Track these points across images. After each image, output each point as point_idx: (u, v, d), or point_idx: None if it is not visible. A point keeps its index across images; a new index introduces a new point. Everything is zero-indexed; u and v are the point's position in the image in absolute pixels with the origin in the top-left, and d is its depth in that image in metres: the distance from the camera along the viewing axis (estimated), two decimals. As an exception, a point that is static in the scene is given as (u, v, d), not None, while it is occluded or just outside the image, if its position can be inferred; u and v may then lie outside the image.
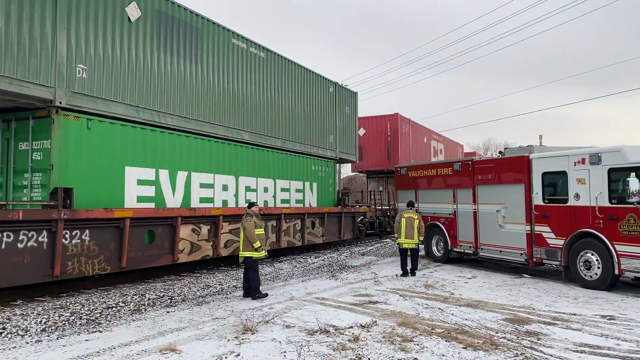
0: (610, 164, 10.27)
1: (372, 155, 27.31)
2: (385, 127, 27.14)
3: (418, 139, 29.67)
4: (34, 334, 7.21)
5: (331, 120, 20.14)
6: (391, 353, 6.17)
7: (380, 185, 28.34)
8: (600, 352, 6.24)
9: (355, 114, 22.38)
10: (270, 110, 16.19)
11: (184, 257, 12.14)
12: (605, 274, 10.31)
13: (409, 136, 28.24)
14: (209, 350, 6.36)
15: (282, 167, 16.90)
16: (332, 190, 20.04)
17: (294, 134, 17.49)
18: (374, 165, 27.41)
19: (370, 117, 28.17)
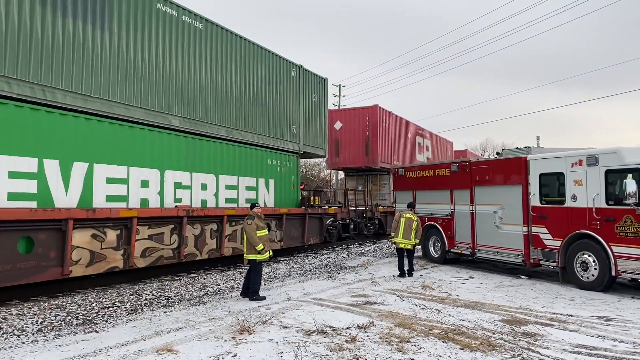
0: (607, 166, 10.29)
1: (350, 151, 25.25)
2: (363, 120, 24.87)
3: (401, 134, 27.55)
4: (30, 333, 7.18)
5: (293, 108, 17.62)
6: (388, 354, 6.17)
7: (360, 183, 26.59)
8: (597, 353, 6.25)
9: (324, 103, 19.87)
10: (212, 93, 13.65)
11: (80, 269, 9.83)
12: (602, 275, 10.33)
13: (390, 131, 26.10)
14: (206, 350, 6.34)
15: (228, 160, 14.42)
16: (294, 188, 17.65)
17: (245, 122, 15.04)
18: (351, 161, 25.29)
19: (347, 109, 26.46)
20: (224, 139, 14.24)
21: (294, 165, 17.83)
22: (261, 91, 15.94)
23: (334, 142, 25.24)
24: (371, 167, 24.72)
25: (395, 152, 26.32)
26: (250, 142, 15.39)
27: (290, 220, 16.53)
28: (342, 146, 25.31)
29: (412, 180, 16.30)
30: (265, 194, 16.13)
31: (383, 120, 25.16)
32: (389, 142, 25.78)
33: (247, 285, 9.94)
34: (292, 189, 17.56)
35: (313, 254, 17.79)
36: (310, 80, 18.84)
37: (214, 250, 13.38)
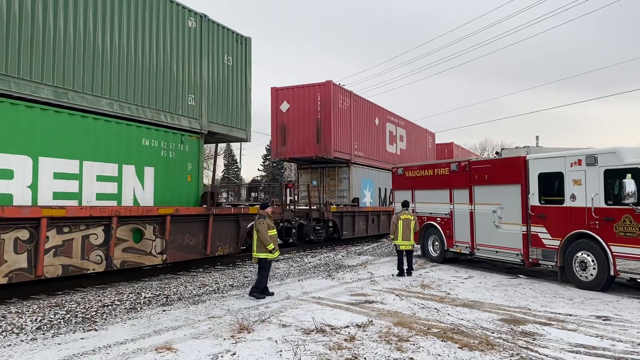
0: (606, 165, 10.30)
1: (298, 137, 21.01)
2: (314, 100, 20.81)
3: (365, 120, 23.84)
4: (29, 332, 7.18)
5: (191, 71, 13.32)
6: (387, 353, 6.17)
7: (315, 177, 22.72)
8: (595, 353, 6.26)
9: (245, 69, 15.45)
10: (40, 38, 9.74)
11: None
12: (600, 274, 10.35)
13: (349, 114, 22.13)
14: (205, 349, 6.35)
15: (65, 137, 10.24)
16: (193, 180, 13.39)
17: (99, 83, 10.92)
18: (300, 150, 21.06)
19: (295, 86, 21.61)
20: (59, 105, 10.11)
21: (193, 149, 13.44)
22: (132, 43, 11.73)
23: (279, 128, 21.56)
24: (324, 158, 20.86)
25: (357, 140, 22.66)
26: (109, 113, 11.13)
27: (181, 224, 12.33)
28: (290, 132, 21.22)
29: (411, 180, 16.31)
30: (135, 187, 11.78)
31: (339, 101, 21.19)
32: (347, 127, 21.88)
33: None
34: (189, 181, 13.24)
35: (312, 253, 17.79)
36: (220, 37, 14.51)
37: (22, 271, 9.02)
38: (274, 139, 21.72)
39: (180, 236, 12.35)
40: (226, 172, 60.50)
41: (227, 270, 13.49)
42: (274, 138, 21.72)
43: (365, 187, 23.43)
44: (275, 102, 21.66)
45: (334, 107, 20.71)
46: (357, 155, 22.65)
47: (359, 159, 22.86)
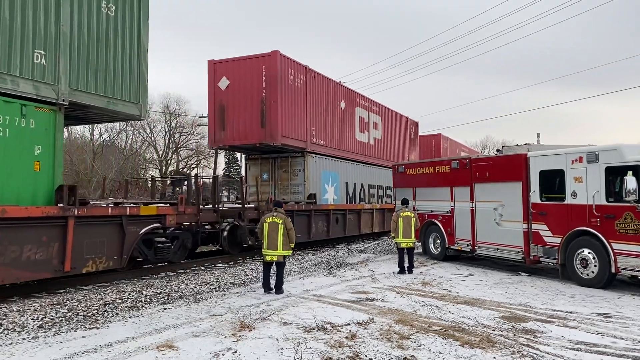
0: (608, 163, 10.28)
1: (240, 121, 17.22)
2: (258, 75, 16.94)
3: (326, 101, 19.99)
4: (30, 330, 7.19)
5: (42, 19, 9.66)
6: (388, 350, 6.18)
7: (265, 170, 19.25)
8: (596, 350, 6.26)
9: (139, 23, 11.85)
10: None
11: None
12: (601, 272, 10.34)
13: (303, 93, 18.16)
14: (206, 347, 6.35)
15: None
16: (44, 169, 9.74)
17: None
18: (241, 137, 17.27)
19: (236, 59, 17.62)
20: None
21: (44, 125, 9.81)
22: None
23: (218, 109, 17.77)
24: (269, 145, 17.12)
25: (315, 126, 18.94)
26: None
27: (14, 231, 8.80)
28: (230, 115, 17.47)
29: (412, 177, 16.32)
30: None
31: (289, 76, 17.30)
32: (301, 109, 18.08)
33: (269, 280, 10.13)
34: (37, 170, 9.66)
35: (313, 250, 17.80)
36: None
37: None
38: (212, 123, 18.01)
39: (13, 248, 8.75)
40: (227, 170, 60.49)
41: (228, 268, 13.50)
42: (212, 122, 18.01)
43: (327, 182, 19.77)
44: (212, 78, 17.84)
45: (282, 84, 16.86)
46: (316, 143, 18.96)
47: (318, 147, 19.11)
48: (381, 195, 24.88)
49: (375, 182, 24.40)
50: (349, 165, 21.82)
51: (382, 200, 24.94)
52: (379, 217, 23.52)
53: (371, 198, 23.67)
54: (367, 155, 23.50)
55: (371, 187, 23.97)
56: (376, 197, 24.38)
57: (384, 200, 24.88)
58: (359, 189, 22.66)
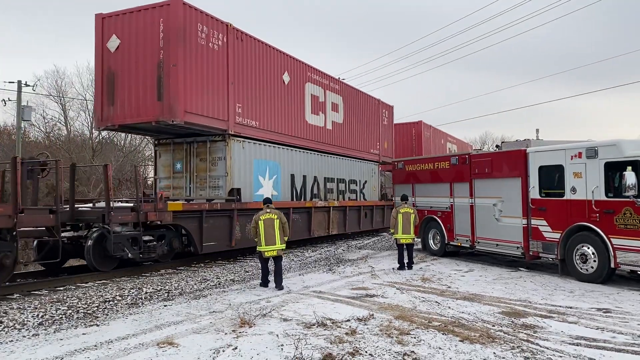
0: (607, 158, 10.29)
1: (133, 92, 13.06)
2: (156, 31, 12.77)
3: (263, 72, 15.86)
4: (31, 327, 7.20)
5: None
6: (388, 346, 6.19)
7: (178, 159, 15.28)
8: (596, 345, 6.27)
9: None
10: None
11: None
12: (601, 267, 10.36)
13: (223, 57, 14.05)
14: (206, 343, 6.36)
15: None
16: None
17: None
18: (133, 113, 13.07)
19: (129, 11, 13.43)
20: None
21: None
22: None
23: (107, 78, 13.45)
24: (168, 124, 12.69)
25: (242, 101, 14.84)
26: None
27: None
28: (120, 84, 13.26)
29: (412, 174, 16.32)
30: None
31: (199, 33, 13.10)
32: (218, 78, 13.87)
33: (268, 276, 10.40)
34: None
35: (313, 247, 17.81)
36: None
37: None
38: (99, 96, 13.72)
39: None
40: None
41: (227, 265, 13.51)
42: (99, 95, 13.71)
43: (262, 173, 15.84)
44: (100, 38, 13.55)
45: (187, 43, 12.74)
46: (244, 124, 14.92)
47: (247, 130, 15.09)
48: (343, 191, 20.92)
49: (336, 175, 20.40)
50: (296, 153, 17.80)
51: (345, 196, 21.01)
52: (339, 217, 19.79)
53: (329, 194, 19.69)
54: (323, 143, 19.41)
55: (329, 181, 19.82)
56: (336, 192, 20.30)
57: (346, 196, 21.12)
58: (310, 184, 18.59)
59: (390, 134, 26.06)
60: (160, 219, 11.95)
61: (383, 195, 24.48)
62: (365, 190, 23.05)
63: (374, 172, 24.01)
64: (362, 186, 22.77)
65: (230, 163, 14.43)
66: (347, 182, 21.40)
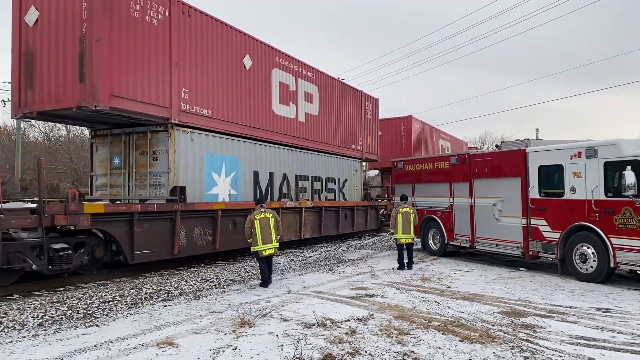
0: (606, 158, 10.29)
1: (53, 73, 11.15)
2: (77, 2, 10.85)
3: (217, 54, 13.84)
4: (30, 328, 7.20)
5: None
6: (388, 346, 6.19)
7: (116, 153, 13.35)
8: (595, 345, 6.28)
9: None
10: None
11: None
12: (600, 267, 10.37)
13: (164, 34, 12.15)
14: (206, 343, 6.37)
15: None
16: None
17: None
18: (52, 98, 11.16)
19: None
20: None
21: None
22: None
23: (24, 57, 11.63)
24: (91, 110, 10.70)
25: (190, 86, 12.84)
26: None
27: None
28: (40, 65, 11.41)
29: (411, 174, 16.33)
30: None
31: (133, 4, 11.31)
32: (157, 58, 11.92)
33: (267, 274, 10.59)
34: None
35: (312, 247, 17.81)
36: None
37: None
38: (16, 78, 11.85)
39: None
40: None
41: (227, 265, 13.50)
42: (16, 77, 11.84)
43: (217, 170, 13.88)
44: (18, 10, 11.79)
45: (116, 14, 10.96)
46: (193, 112, 12.88)
47: (197, 119, 13.06)
48: (319, 190, 18.93)
49: (310, 173, 18.37)
50: (261, 148, 15.74)
51: (322, 196, 19.02)
52: (313, 219, 17.84)
53: (302, 193, 17.75)
54: (294, 136, 17.22)
55: (302, 179, 17.80)
56: (310, 192, 18.27)
57: (323, 196, 19.13)
58: (279, 182, 16.57)
59: (374, 128, 23.86)
60: (73, 223, 9.92)
61: (366, 195, 22.81)
62: (346, 190, 21.09)
63: (355, 169, 22.05)
64: (341, 185, 20.74)
65: (174, 157, 12.43)
66: (324, 180, 19.33)
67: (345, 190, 20.96)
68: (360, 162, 22.66)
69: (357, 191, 22.01)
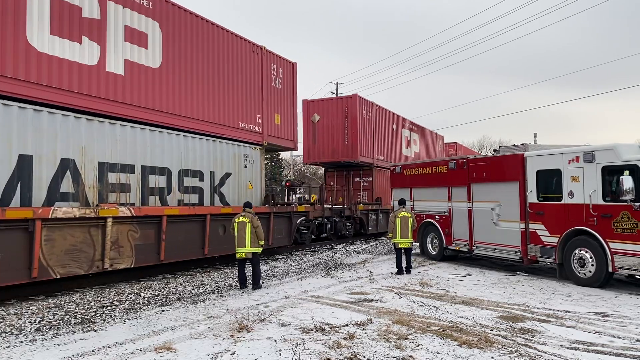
0: (604, 162, 10.31)
1: None
2: None
3: None
4: (28, 333, 7.17)
5: None
6: (386, 351, 6.18)
7: None
8: (594, 349, 6.27)
9: None
10: None
11: None
12: (599, 271, 10.37)
13: None
14: (204, 348, 6.35)
15: None
16: None
17: None
18: None
19: None
20: None
21: None
22: None
23: None
24: None
25: None
26: None
27: None
28: None
29: (410, 178, 16.34)
30: None
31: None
32: None
33: (244, 277, 10.75)
34: None
35: (311, 251, 17.80)
36: None
37: None
38: None
39: None
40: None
41: (225, 269, 13.48)
42: None
43: None
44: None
45: None
46: None
47: None
48: (162, 189, 12.23)
49: (139, 161, 11.69)
50: None
51: (167, 198, 12.35)
52: (141, 236, 11.27)
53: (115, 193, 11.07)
54: (93, 97, 10.74)
55: (117, 170, 11.12)
56: (139, 190, 11.62)
57: (171, 198, 12.47)
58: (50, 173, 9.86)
59: (288, 104, 17.36)
60: None
61: (267, 198, 15.96)
62: (228, 189, 14.39)
63: (249, 159, 15.33)
64: (218, 182, 14.01)
65: None
66: (176, 174, 12.65)
67: (226, 189, 14.34)
68: (260, 150, 15.90)
69: (252, 192, 15.33)
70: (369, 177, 24.09)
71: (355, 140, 22.37)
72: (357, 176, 24.30)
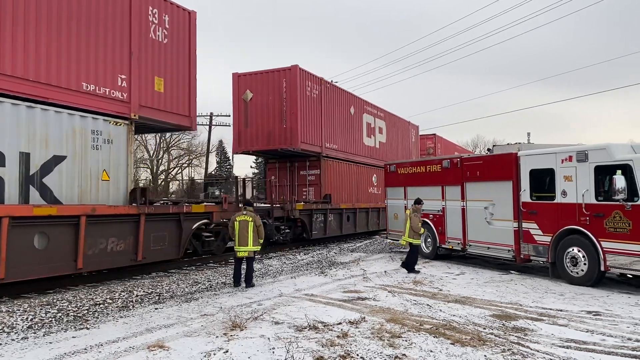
0: (597, 162, 10.37)
1: None
2: None
3: None
4: (20, 331, 7.13)
5: None
6: (380, 349, 6.19)
7: None
8: (585, 348, 6.31)
9: None
10: None
11: None
12: (591, 270, 10.43)
13: None
14: (197, 346, 6.33)
15: None
16: None
17: None
18: None
19: None
20: None
21: None
22: None
23: None
24: None
25: None
26: None
27: None
28: None
29: (404, 177, 16.36)
30: None
31: None
32: None
33: (239, 275, 10.75)
34: None
35: (305, 250, 17.79)
36: None
37: None
38: None
39: None
40: (218, 170, 60.10)
41: (219, 267, 13.46)
42: None
43: None
44: None
45: None
46: None
47: None
48: None
49: None
50: None
51: None
52: None
53: None
54: None
55: None
56: None
57: None
58: None
59: (180, 66, 13.33)
60: None
61: (132, 194, 11.67)
62: (60, 180, 10.12)
63: (104, 138, 11.09)
64: (35, 169, 9.63)
65: None
66: None
67: (55, 180, 10.05)
68: (126, 126, 11.69)
69: (108, 184, 11.18)
70: (316, 170, 19.76)
71: (295, 123, 18.12)
72: (303, 169, 20.06)
